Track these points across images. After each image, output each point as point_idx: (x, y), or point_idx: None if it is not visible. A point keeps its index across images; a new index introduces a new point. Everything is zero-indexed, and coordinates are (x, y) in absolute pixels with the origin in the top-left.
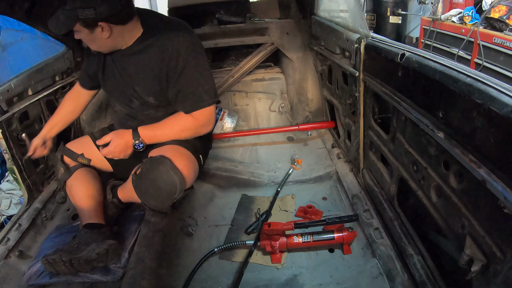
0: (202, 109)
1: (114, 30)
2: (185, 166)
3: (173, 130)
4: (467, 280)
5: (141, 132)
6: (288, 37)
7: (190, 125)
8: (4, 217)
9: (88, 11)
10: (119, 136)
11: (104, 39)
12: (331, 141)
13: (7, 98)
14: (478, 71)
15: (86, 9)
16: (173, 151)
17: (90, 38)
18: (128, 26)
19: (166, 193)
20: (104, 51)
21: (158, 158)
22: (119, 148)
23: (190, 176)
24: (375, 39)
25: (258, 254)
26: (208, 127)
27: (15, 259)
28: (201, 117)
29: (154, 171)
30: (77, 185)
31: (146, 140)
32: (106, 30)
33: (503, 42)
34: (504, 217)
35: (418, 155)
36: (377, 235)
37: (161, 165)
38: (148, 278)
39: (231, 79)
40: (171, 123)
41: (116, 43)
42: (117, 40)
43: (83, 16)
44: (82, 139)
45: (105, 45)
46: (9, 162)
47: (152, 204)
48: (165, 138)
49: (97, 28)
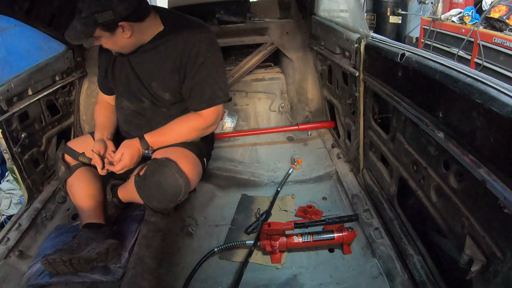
0: (213, 107)
1: (134, 28)
2: (190, 169)
3: (181, 133)
4: (467, 280)
5: (149, 140)
6: (288, 37)
7: (198, 125)
8: (4, 217)
9: (107, 14)
10: (129, 148)
11: (126, 38)
12: (331, 141)
13: (7, 98)
14: (478, 71)
15: (104, 12)
16: (179, 153)
17: (112, 41)
18: (147, 22)
19: (171, 196)
20: (127, 52)
21: (164, 161)
22: (134, 160)
23: (194, 179)
24: (375, 39)
25: (258, 254)
26: (214, 127)
27: (15, 259)
28: (210, 116)
29: (159, 173)
30: (78, 184)
31: (155, 146)
32: (128, 29)
33: (503, 42)
34: (504, 217)
35: (418, 155)
36: (377, 235)
37: (166, 168)
38: (148, 278)
39: (231, 79)
40: (178, 127)
41: (138, 40)
42: (138, 37)
43: (102, 19)
44: (83, 138)
45: (127, 45)
46: (9, 162)
47: (155, 206)
48: (173, 141)
49: (118, 29)
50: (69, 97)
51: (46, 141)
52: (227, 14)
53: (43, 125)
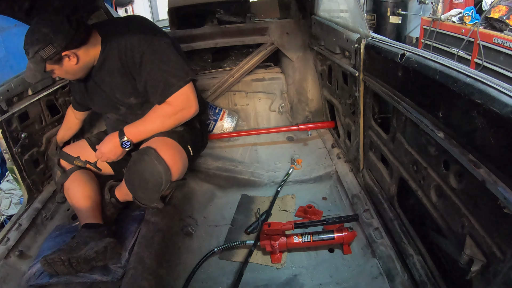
0: (175, 94)
1: (79, 53)
2: (170, 156)
3: (155, 122)
4: (467, 280)
5: (126, 131)
6: (288, 37)
7: (168, 113)
8: (4, 217)
9: (48, 48)
10: (107, 138)
11: (74, 65)
12: (331, 141)
13: (7, 98)
14: (478, 71)
15: (45, 48)
16: (159, 142)
17: (63, 71)
18: (91, 42)
19: (152, 184)
20: (82, 77)
21: (144, 149)
22: (107, 149)
23: (176, 165)
24: (375, 39)
25: (258, 254)
26: (190, 110)
27: (15, 259)
28: (176, 101)
29: (140, 162)
30: (74, 186)
31: (132, 137)
32: (73, 57)
33: (503, 42)
34: (504, 217)
35: (418, 155)
36: (377, 235)
37: (145, 155)
38: (148, 278)
39: (231, 79)
40: (151, 117)
41: (87, 63)
42: (85, 60)
43: (46, 55)
44: (78, 143)
45: (78, 70)
46: (9, 162)
47: (140, 196)
48: (150, 131)
49: (64, 59)
50: (69, 97)
51: (46, 141)
52: (227, 14)
53: (43, 125)
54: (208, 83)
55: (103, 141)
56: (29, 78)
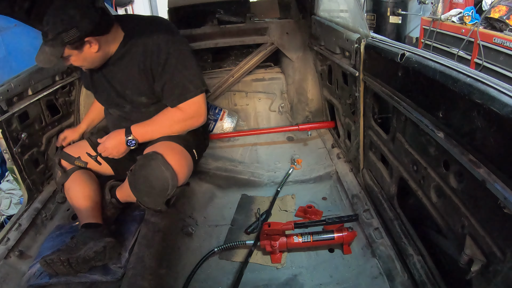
0: (189, 101)
1: (101, 41)
2: (176, 161)
3: (163, 125)
4: (467, 280)
5: (133, 129)
6: (288, 37)
7: (179, 118)
8: (4, 217)
9: (72, 32)
10: (113, 134)
11: (94, 53)
12: (331, 141)
13: (7, 98)
14: (478, 71)
15: (69, 31)
16: (165, 146)
17: (81, 58)
18: (112, 33)
19: (158, 189)
20: (97, 66)
21: (150, 154)
22: (111, 144)
23: (182, 171)
24: (375, 39)
25: (258, 254)
26: (199, 119)
27: (15, 259)
28: (188, 109)
29: (146, 167)
30: (74, 186)
31: (138, 137)
32: (94, 44)
33: (503, 42)
34: (504, 217)
35: (418, 155)
36: (377, 235)
37: (152, 160)
38: (148, 278)
39: (231, 79)
40: (160, 119)
41: (105, 53)
42: (105, 50)
43: (68, 38)
44: (79, 143)
45: (96, 59)
46: (9, 162)
47: (145, 201)
48: (157, 133)
49: (85, 45)
50: (69, 97)
51: (46, 141)
52: (227, 14)
53: (43, 125)
54: (208, 83)
55: (108, 136)
56: (42, 63)
